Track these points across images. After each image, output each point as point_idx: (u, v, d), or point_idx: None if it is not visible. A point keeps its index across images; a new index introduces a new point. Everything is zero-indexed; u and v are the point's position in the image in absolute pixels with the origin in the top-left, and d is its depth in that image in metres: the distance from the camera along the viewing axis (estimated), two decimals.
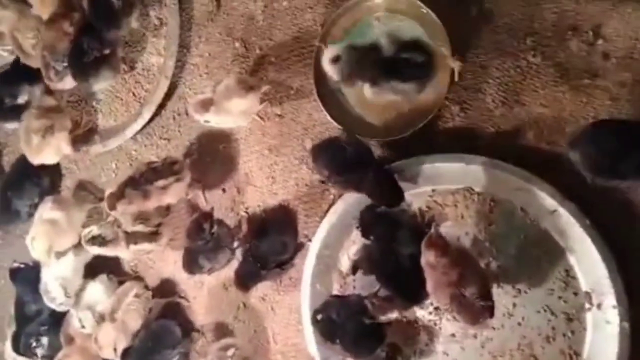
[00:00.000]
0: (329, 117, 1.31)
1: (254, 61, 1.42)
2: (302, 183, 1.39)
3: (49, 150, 1.46)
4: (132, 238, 1.41)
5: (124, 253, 1.44)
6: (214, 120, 1.31)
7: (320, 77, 1.31)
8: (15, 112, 1.50)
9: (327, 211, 1.35)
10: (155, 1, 1.49)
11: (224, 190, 1.48)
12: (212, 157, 1.48)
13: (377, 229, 1.26)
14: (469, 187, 1.23)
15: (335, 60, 1.18)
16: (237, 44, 1.43)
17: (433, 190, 1.26)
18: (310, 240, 1.37)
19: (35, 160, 1.48)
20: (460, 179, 1.23)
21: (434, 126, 1.26)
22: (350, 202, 1.29)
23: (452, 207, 1.25)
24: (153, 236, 1.43)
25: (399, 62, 1.17)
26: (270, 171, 1.43)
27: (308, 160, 1.38)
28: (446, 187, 1.24)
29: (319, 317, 1.23)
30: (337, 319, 1.21)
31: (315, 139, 1.37)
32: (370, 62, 1.18)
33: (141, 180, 1.32)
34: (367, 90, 1.20)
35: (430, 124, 1.24)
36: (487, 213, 1.23)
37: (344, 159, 1.17)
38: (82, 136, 1.54)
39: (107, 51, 1.38)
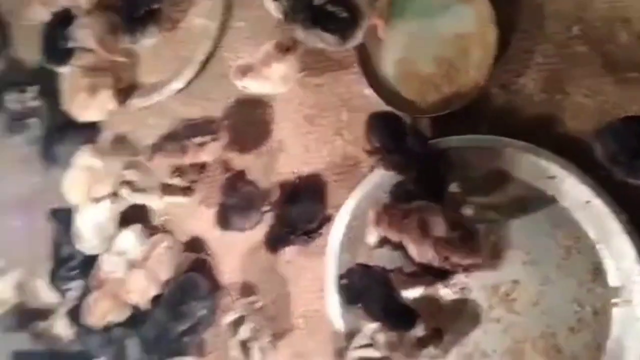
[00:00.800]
0: (371, 90, 1.32)
1: None
2: (335, 154, 1.41)
3: (94, 107, 1.51)
4: (166, 189, 1.45)
5: (156, 202, 1.48)
6: (252, 86, 1.33)
7: (362, 51, 1.32)
8: (69, 56, 1.53)
9: (358, 184, 1.38)
10: None
11: (257, 154, 1.51)
12: (248, 121, 1.51)
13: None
14: (504, 171, 1.24)
15: None
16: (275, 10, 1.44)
17: (465, 172, 1.26)
18: (339, 210, 1.40)
19: (80, 117, 1.52)
20: (495, 162, 1.23)
21: (472, 107, 1.26)
22: (384, 176, 1.31)
23: (484, 191, 1.26)
24: (187, 191, 1.46)
25: (324, 13, 1.19)
26: (305, 140, 1.45)
27: (343, 132, 1.40)
28: (480, 170, 1.25)
29: (343, 281, 1.27)
30: (359, 286, 1.24)
31: (352, 111, 1.39)
32: (303, 6, 1.21)
33: (180, 136, 1.36)
34: (299, 32, 1.24)
35: (471, 104, 1.25)
36: (519, 200, 1.24)
37: (401, 139, 1.19)
38: (124, 92, 1.57)
39: (155, 6, 1.40)
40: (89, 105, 1.50)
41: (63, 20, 1.55)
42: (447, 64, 1.26)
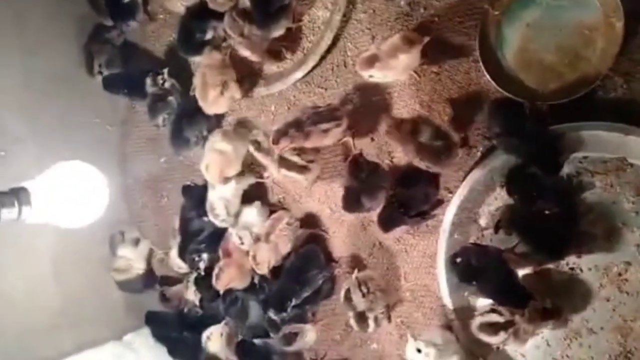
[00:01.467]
0: (489, 78, 1.37)
1: (417, 19, 1.50)
2: None
3: (223, 101, 1.66)
4: (284, 164, 1.55)
5: (274, 171, 1.59)
6: (378, 75, 1.42)
7: (483, 40, 1.38)
8: (203, 47, 1.68)
9: (471, 168, 1.44)
10: None
11: (372, 139, 1.60)
12: (365, 107, 1.60)
13: (523, 189, 1.34)
14: (623, 158, 1.27)
15: None
16: (402, 2, 1.52)
17: (585, 157, 1.31)
18: (452, 192, 1.47)
19: (210, 110, 1.68)
20: (615, 149, 1.27)
21: (595, 95, 1.29)
22: (498, 160, 1.37)
23: (602, 175, 1.30)
24: (303, 169, 1.57)
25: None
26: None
27: (457, 121, 1.47)
28: (599, 155, 1.29)
29: (458, 260, 1.35)
30: (476, 264, 1.32)
31: (470, 99, 1.45)
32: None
33: (306, 122, 1.47)
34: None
35: (591, 92, 1.28)
36: (638, 185, 1.27)
37: (521, 125, 1.25)
38: (250, 82, 1.71)
39: (287, 1, 1.52)
40: (218, 100, 1.65)
41: (198, 14, 1.70)
42: (572, 52, 1.30)
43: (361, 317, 1.49)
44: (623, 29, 1.24)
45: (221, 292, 1.67)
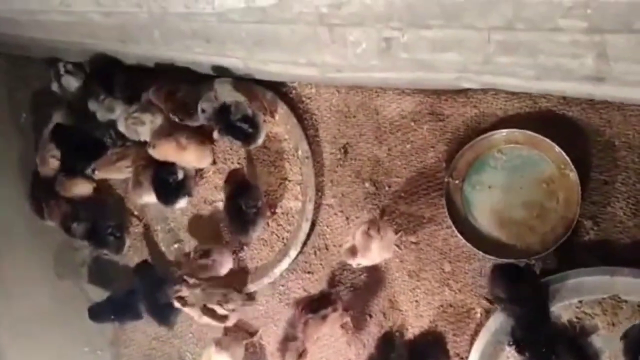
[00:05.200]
0: (465, 241, 1.43)
1: (384, 197, 1.58)
2: (446, 304, 1.50)
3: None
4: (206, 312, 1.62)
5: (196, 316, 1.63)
6: (364, 262, 1.46)
7: (450, 207, 1.46)
8: (182, 188, 1.72)
9: (476, 329, 1.44)
10: (289, 155, 1.71)
11: (370, 316, 1.60)
12: (356, 286, 1.62)
13: (532, 345, 1.33)
14: (616, 296, 1.30)
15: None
16: (366, 184, 1.61)
17: (580, 302, 1.33)
18: (463, 358, 1.46)
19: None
20: (606, 289, 1.30)
21: (571, 242, 1.35)
22: (502, 319, 1.38)
23: (601, 316, 1.32)
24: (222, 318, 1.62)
25: (236, 126, 1.59)
26: (413, 295, 1.54)
27: (449, 282, 1.50)
28: (593, 297, 1.32)
29: None
30: None
31: (453, 262, 1.49)
32: (220, 119, 1.61)
33: (302, 313, 1.48)
34: (215, 134, 1.65)
35: (568, 240, 1.34)
36: (637, 319, 1.29)
37: (521, 288, 1.29)
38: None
39: (260, 204, 1.59)
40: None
41: None
42: (538, 206, 1.38)
43: None
44: (577, 177, 1.33)
45: None
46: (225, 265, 1.70)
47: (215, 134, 1.65)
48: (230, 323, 1.65)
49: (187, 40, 1.56)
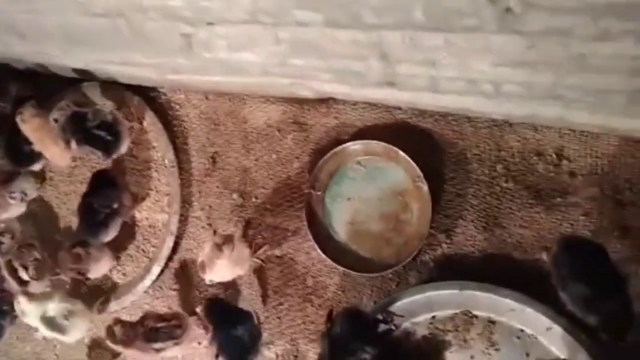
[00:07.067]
0: (320, 252, 1.39)
1: (251, 209, 1.52)
2: (308, 321, 1.44)
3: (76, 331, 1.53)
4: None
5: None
6: (215, 278, 1.39)
7: (312, 219, 1.41)
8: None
9: None
10: (157, 164, 1.63)
11: None
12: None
13: None
14: (467, 311, 1.28)
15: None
16: (234, 195, 1.55)
17: (433, 317, 1.30)
18: None
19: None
20: (456, 304, 1.28)
21: (425, 255, 1.33)
22: None
23: (454, 332, 1.29)
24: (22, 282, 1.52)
25: (94, 134, 1.49)
26: (277, 311, 1.48)
27: (312, 298, 1.44)
28: (445, 313, 1.29)
29: None
30: None
31: (315, 277, 1.44)
32: (77, 129, 1.50)
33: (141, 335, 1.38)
34: (74, 147, 1.53)
35: (422, 253, 1.32)
36: (489, 335, 1.27)
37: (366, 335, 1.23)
38: (103, 303, 1.61)
39: (115, 206, 1.50)
40: (70, 330, 1.50)
41: None
42: (394, 218, 1.36)
43: None
44: (429, 190, 1.31)
45: None
46: (101, 263, 1.55)
47: (73, 145, 1.52)
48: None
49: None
